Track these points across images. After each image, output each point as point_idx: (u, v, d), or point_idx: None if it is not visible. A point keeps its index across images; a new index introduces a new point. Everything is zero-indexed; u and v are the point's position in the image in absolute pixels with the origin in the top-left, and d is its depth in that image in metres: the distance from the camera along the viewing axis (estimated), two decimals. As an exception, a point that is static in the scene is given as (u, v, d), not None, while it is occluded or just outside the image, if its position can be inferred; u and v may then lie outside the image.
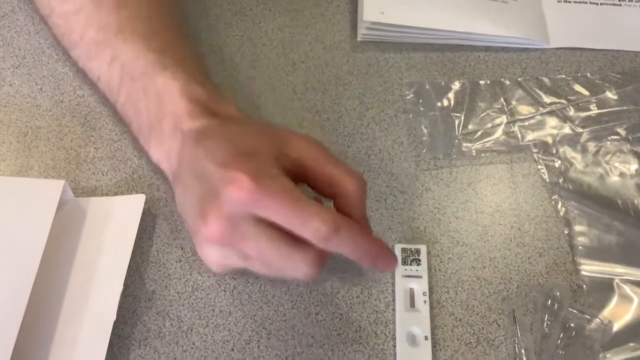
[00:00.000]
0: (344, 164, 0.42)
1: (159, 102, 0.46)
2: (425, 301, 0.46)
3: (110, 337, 0.42)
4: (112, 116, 0.54)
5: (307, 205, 0.38)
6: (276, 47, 0.60)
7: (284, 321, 0.45)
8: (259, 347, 0.44)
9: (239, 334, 0.44)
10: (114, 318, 0.42)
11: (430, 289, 0.47)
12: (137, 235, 0.47)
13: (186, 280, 0.46)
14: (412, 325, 0.44)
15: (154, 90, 0.46)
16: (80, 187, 0.50)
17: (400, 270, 0.47)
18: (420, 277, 0.47)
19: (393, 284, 0.46)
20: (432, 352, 0.43)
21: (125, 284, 0.45)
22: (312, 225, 0.37)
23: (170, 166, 0.45)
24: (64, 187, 0.46)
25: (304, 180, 0.43)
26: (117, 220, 0.47)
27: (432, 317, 0.45)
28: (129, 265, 0.45)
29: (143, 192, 0.49)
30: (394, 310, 0.45)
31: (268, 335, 0.44)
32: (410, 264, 0.47)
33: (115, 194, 0.50)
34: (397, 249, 0.48)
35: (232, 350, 0.44)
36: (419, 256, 0.47)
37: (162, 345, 0.43)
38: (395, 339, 0.44)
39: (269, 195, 0.37)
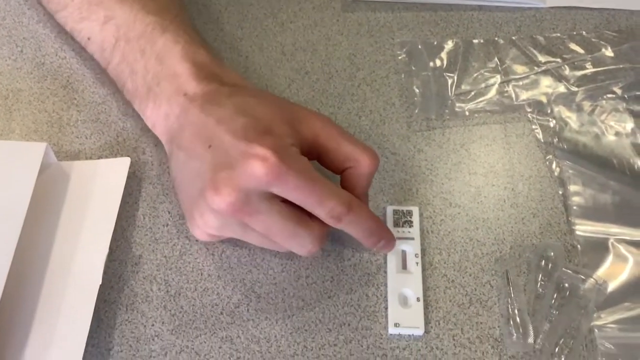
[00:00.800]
0: (358, 140, 0.42)
1: (158, 63, 0.44)
2: (417, 263, 0.45)
3: (96, 302, 0.41)
4: (96, 78, 0.52)
5: (323, 185, 0.38)
6: (264, 7, 0.58)
7: (274, 284, 0.44)
8: (248, 310, 0.43)
9: (227, 297, 0.43)
10: (100, 282, 0.41)
11: (423, 250, 0.46)
12: (122, 199, 0.46)
13: (173, 245, 0.45)
14: (404, 287, 0.44)
15: (153, 51, 0.45)
16: (63, 150, 0.49)
17: (392, 232, 0.46)
18: (412, 239, 0.46)
19: (385, 246, 0.46)
20: (424, 314, 0.43)
21: (111, 249, 0.44)
22: (327, 205, 0.38)
23: (168, 130, 0.44)
24: (46, 150, 0.45)
25: (315, 157, 0.43)
26: (101, 184, 0.46)
27: (425, 279, 0.44)
28: (115, 230, 0.44)
29: (128, 156, 0.48)
30: (385, 272, 0.45)
31: (258, 299, 0.43)
32: (402, 226, 0.46)
33: (100, 157, 0.48)
34: (389, 211, 0.47)
35: (221, 314, 0.43)
36: (411, 218, 0.47)
37: (150, 310, 0.43)
38: (387, 300, 0.43)
39: (291, 173, 0.37)
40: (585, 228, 0.47)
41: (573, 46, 0.56)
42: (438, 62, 0.55)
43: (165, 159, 0.47)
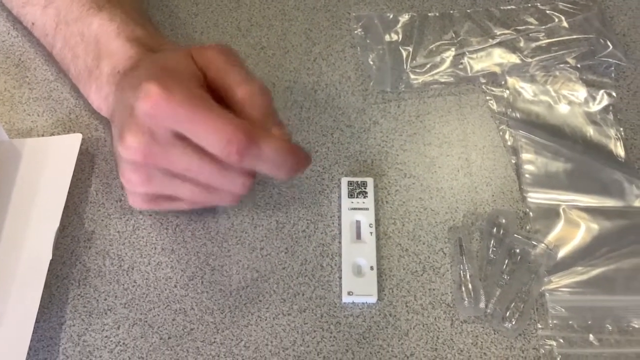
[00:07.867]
0: (251, 76, 0.39)
1: (96, 45, 0.44)
2: (371, 233, 0.45)
3: (48, 278, 0.41)
4: (48, 56, 0.51)
5: (218, 114, 0.35)
6: (219, -17, 0.58)
7: (228, 257, 0.44)
8: (202, 283, 0.43)
9: (182, 270, 0.43)
10: (50, 257, 0.41)
11: (377, 221, 0.46)
12: (75, 176, 0.45)
13: (127, 220, 0.45)
14: (358, 256, 0.44)
15: (90, 33, 0.44)
16: (15, 128, 0.48)
17: (346, 202, 0.46)
18: (367, 209, 0.46)
19: (339, 217, 0.46)
20: (378, 282, 0.43)
21: (63, 225, 0.44)
22: (223, 135, 0.35)
23: (108, 110, 0.44)
24: (-4, 127, 0.45)
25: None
26: (53, 160, 0.46)
27: (379, 248, 0.45)
28: (67, 206, 0.44)
29: (80, 132, 0.47)
30: (340, 242, 0.45)
31: (212, 271, 0.43)
32: (357, 197, 0.46)
33: (52, 134, 0.48)
34: (343, 182, 0.47)
35: (175, 287, 0.43)
36: (365, 189, 0.47)
37: (102, 284, 0.42)
38: (341, 270, 0.44)
39: (176, 101, 0.35)
40: (537, 195, 0.47)
41: (528, 18, 0.57)
42: (394, 36, 0.55)
43: (118, 134, 0.46)
